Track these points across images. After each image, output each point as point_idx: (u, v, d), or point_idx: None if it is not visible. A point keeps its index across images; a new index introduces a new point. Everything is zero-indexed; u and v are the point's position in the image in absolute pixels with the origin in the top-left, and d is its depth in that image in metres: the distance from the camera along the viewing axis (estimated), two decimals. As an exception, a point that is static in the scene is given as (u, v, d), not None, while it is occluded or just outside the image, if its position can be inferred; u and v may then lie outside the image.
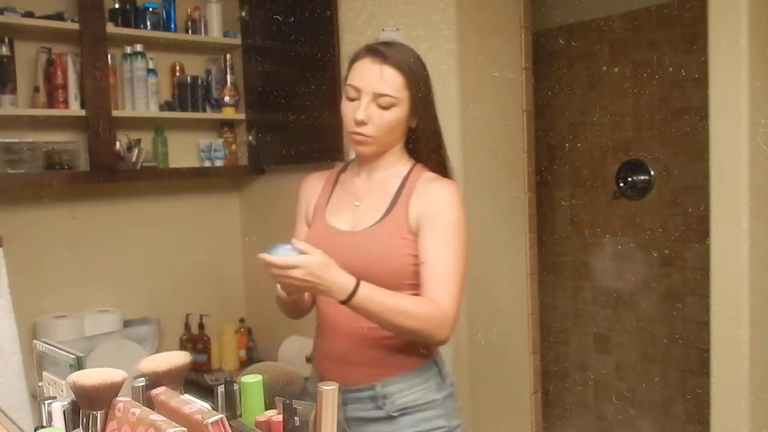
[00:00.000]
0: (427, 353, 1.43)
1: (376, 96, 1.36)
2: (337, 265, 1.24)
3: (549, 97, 3.20)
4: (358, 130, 1.37)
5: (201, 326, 2.84)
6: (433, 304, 1.30)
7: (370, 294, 1.25)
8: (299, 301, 1.46)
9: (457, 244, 1.35)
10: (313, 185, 1.55)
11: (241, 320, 2.95)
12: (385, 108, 1.36)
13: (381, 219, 1.39)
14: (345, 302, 1.24)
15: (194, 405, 0.84)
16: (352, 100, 1.38)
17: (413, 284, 1.37)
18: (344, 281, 1.23)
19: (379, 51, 1.38)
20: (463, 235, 1.37)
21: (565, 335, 3.37)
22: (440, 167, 1.47)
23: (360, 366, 1.40)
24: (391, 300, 1.28)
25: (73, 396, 0.89)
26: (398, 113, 1.38)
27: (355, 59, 1.41)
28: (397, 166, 1.45)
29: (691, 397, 2.87)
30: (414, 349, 1.39)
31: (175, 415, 0.83)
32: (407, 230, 1.37)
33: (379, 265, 1.35)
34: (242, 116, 2.86)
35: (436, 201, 1.38)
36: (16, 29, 2.32)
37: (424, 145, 1.45)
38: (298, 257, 1.20)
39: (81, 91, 2.42)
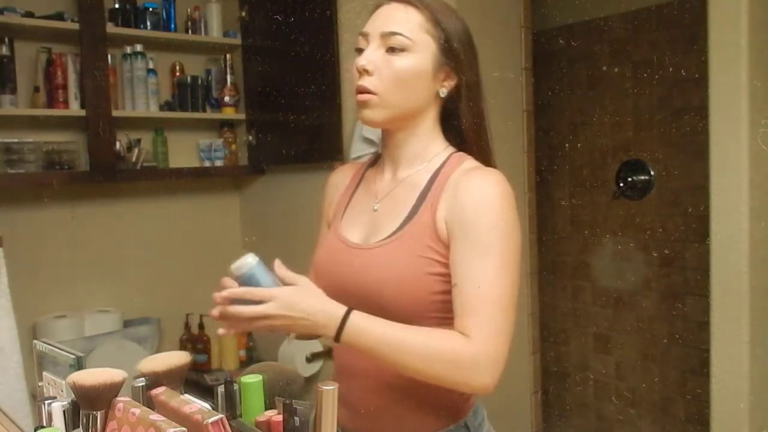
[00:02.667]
0: (454, 411, 1.08)
1: (384, 37, 1.04)
2: (323, 294, 0.95)
3: (549, 97, 3.20)
4: (360, 82, 1.04)
5: (201, 326, 2.84)
6: (460, 340, 0.95)
7: (363, 325, 0.93)
8: None
9: (499, 261, 0.98)
10: (337, 181, 1.22)
11: (241, 320, 2.95)
12: (395, 52, 1.03)
13: (398, 229, 1.04)
14: (336, 339, 0.94)
15: (194, 405, 0.83)
16: (360, 52, 1.07)
17: (441, 318, 1.01)
18: (331, 310, 0.93)
19: None
20: (512, 244, 1.01)
21: (565, 335, 3.37)
22: (483, 159, 1.12)
23: (373, 418, 1.07)
24: (396, 334, 0.94)
25: (73, 396, 0.89)
26: (414, 62, 1.03)
27: (373, 11, 1.11)
28: (427, 155, 1.09)
29: (691, 397, 2.87)
30: (436, 404, 1.06)
31: (175, 415, 0.83)
32: (434, 243, 1.02)
33: (393, 292, 1.01)
34: (242, 116, 2.86)
35: (471, 199, 1.01)
36: (16, 29, 2.32)
37: (463, 126, 1.09)
38: (269, 290, 0.92)
39: (81, 91, 2.42)
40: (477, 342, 0.95)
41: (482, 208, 1.00)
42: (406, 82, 1.04)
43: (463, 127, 1.10)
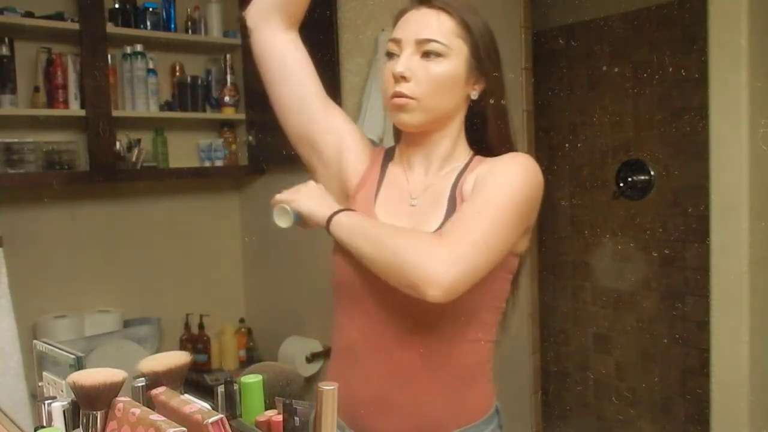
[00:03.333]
0: (488, 400, 1.11)
1: (420, 43, 1.07)
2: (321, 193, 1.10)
3: (549, 97, 3.20)
4: (398, 88, 1.06)
5: (201, 326, 2.84)
6: (433, 235, 1.00)
7: (358, 223, 1.04)
8: None
9: (497, 216, 1.00)
10: (359, 150, 1.21)
11: (241, 320, 2.95)
12: (431, 58, 1.06)
13: (441, 225, 1.06)
14: (327, 227, 1.05)
15: (194, 405, 0.83)
16: (392, 57, 1.10)
17: (496, 308, 1.09)
18: (328, 205, 1.08)
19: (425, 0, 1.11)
20: (517, 209, 1.02)
21: (565, 335, 3.37)
22: None
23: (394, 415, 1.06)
24: (384, 233, 1.02)
25: (73, 396, 0.89)
26: (449, 67, 1.06)
27: (399, 16, 1.13)
28: (456, 155, 1.13)
29: (691, 397, 2.87)
30: (475, 391, 1.08)
31: (175, 415, 0.83)
32: None
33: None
34: (242, 116, 2.86)
35: (492, 168, 1.06)
36: (16, 29, 2.32)
37: (492, 128, 1.13)
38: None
39: (81, 91, 2.42)
40: (447, 238, 0.97)
41: (500, 171, 1.04)
42: (443, 87, 1.07)
43: (488, 127, 1.13)
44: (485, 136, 1.14)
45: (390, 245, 0.99)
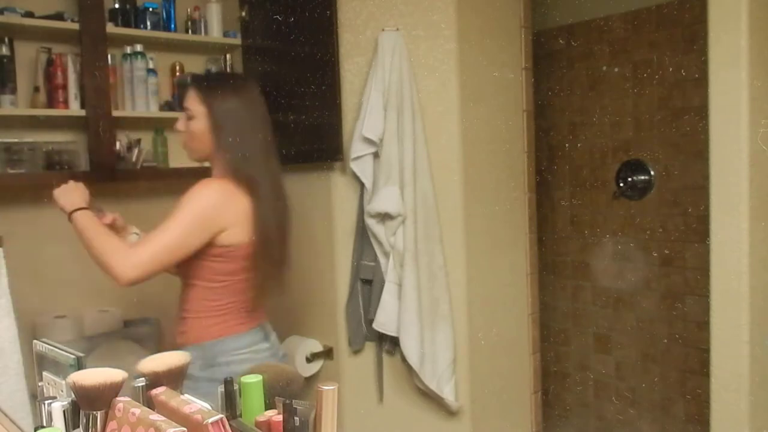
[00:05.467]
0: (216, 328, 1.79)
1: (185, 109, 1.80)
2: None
3: (549, 97, 3.20)
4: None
5: (201, 326, 2.84)
6: (127, 246, 1.68)
7: (90, 221, 1.70)
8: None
9: (175, 221, 1.66)
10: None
11: (241, 320, 2.95)
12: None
13: None
14: (69, 218, 1.74)
15: (194, 405, 0.84)
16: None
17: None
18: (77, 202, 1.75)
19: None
20: (188, 216, 1.68)
21: (565, 335, 3.37)
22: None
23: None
24: (99, 234, 1.68)
25: (73, 396, 0.89)
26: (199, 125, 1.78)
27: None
28: None
29: (691, 397, 2.87)
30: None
31: (175, 415, 0.83)
32: None
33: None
34: (242, 116, 2.86)
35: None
36: (16, 29, 2.32)
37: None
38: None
39: (81, 91, 2.42)
40: (136, 248, 1.65)
41: (185, 198, 1.71)
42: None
43: None
44: None
45: (97, 246, 1.65)
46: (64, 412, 0.90)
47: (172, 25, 2.71)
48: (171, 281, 2.89)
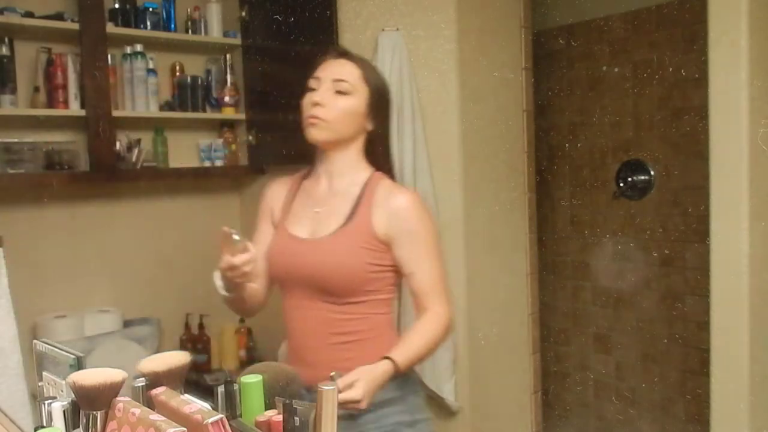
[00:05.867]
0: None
1: (334, 82, 1.44)
2: (370, 370, 1.30)
3: (549, 97, 3.20)
4: (312, 111, 1.43)
5: (201, 326, 2.84)
6: (439, 317, 1.43)
7: (408, 357, 1.36)
8: (239, 300, 1.52)
9: (436, 252, 1.46)
10: (277, 190, 1.60)
11: (241, 320, 2.95)
12: (341, 94, 1.44)
13: (342, 226, 1.44)
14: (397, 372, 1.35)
15: (194, 405, 0.84)
16: (313, 90, 1.46)
17: (371, 290, 1.44)
18: (384, 369, 1.32)
19: (341, 51, 1.52)
20: (438, 241, 1.48)
21: (565, 335, 3.37)
22: (391, 176, 1.54)
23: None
24: (424, 343, 1.41)
25: (73, 396, 0.89)
26: (353, 102, 1.45)
27: (319, 62, 1.50)
28: (356, 171, 1.50)
29: (691, 397, 2.87)
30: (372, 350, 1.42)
31: (175, 415, 0.83)
32: (371, 239, 1.42)
33: (338, 272, 1.42)
34: (242, 116, 2.86)
35: (408, 216, 1.44)
36: (16, 29, 2.32)
37: (380, 152, 1.52)
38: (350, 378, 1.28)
39: (81, 91, 2.42)
40: (445, 313, 1.44)
41: (418, 221, 1.45)
42: (347, 116, 1.45)
43: (377, 152, 1.52)
44: (375, 159, 1.52)
45: (432, 347, 1.43)
46: (64, 412, 0.90)
47: (172, 25, 2.71)
48: (171, 281, 2.90)
